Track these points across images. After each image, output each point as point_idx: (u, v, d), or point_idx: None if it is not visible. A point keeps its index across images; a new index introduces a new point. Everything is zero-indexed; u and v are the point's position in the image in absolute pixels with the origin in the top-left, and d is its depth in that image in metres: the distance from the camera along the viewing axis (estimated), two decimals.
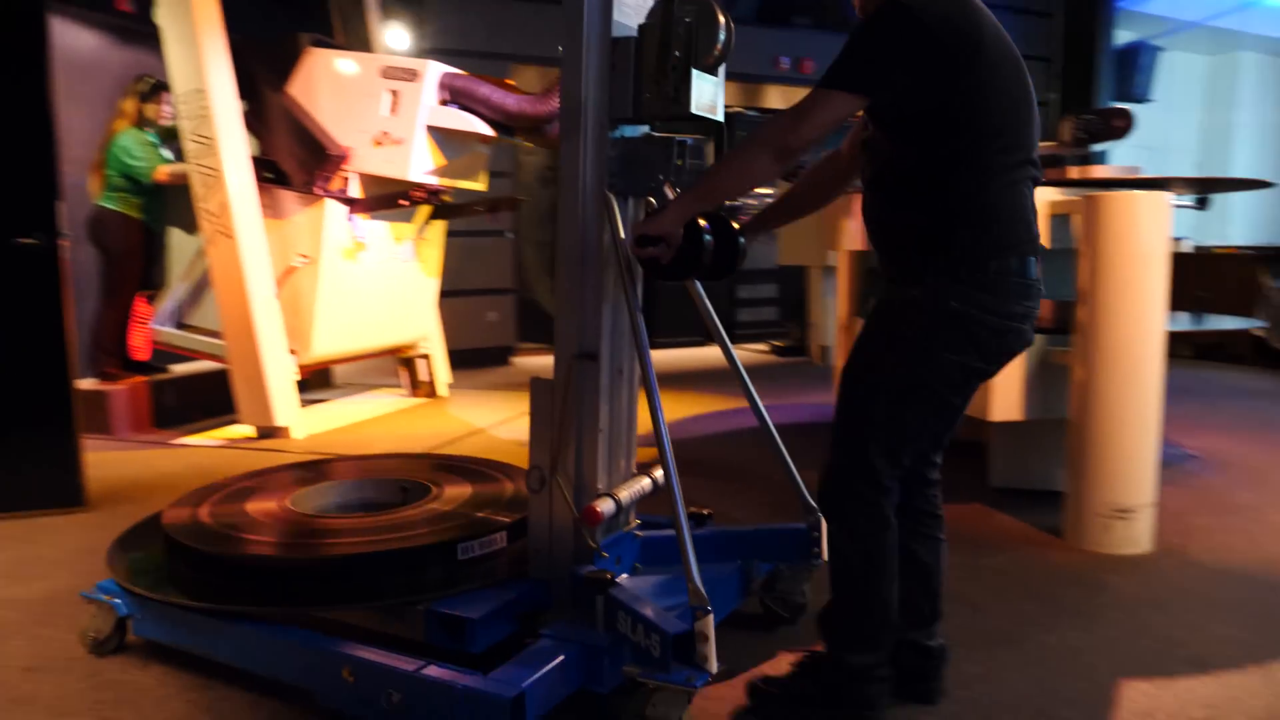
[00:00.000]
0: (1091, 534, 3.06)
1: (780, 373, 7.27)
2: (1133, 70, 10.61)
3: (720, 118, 2.14)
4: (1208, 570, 2.93)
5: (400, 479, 2.75)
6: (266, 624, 2.06)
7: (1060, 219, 3.29)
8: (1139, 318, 2.95)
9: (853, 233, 3.86)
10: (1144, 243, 2.94)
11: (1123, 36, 10.68)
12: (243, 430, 4.87)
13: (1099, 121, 4.01)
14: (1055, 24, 10.36)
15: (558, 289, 2.12)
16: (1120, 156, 10.11)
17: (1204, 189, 4.10)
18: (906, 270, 1.90)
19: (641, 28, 2.06)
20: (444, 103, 4.76)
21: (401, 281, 5.50)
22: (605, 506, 2.06)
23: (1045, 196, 3.34)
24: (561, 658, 1.88)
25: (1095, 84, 10.23)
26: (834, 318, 7.51)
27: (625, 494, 2.16)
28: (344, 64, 4.91)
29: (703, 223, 2.01)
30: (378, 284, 5.28)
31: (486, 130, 4.80)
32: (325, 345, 5.02)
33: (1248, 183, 3.95)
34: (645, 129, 2.19)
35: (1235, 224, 11.69)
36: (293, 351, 4.87)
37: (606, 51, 2.04)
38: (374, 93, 4.76)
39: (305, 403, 5.25)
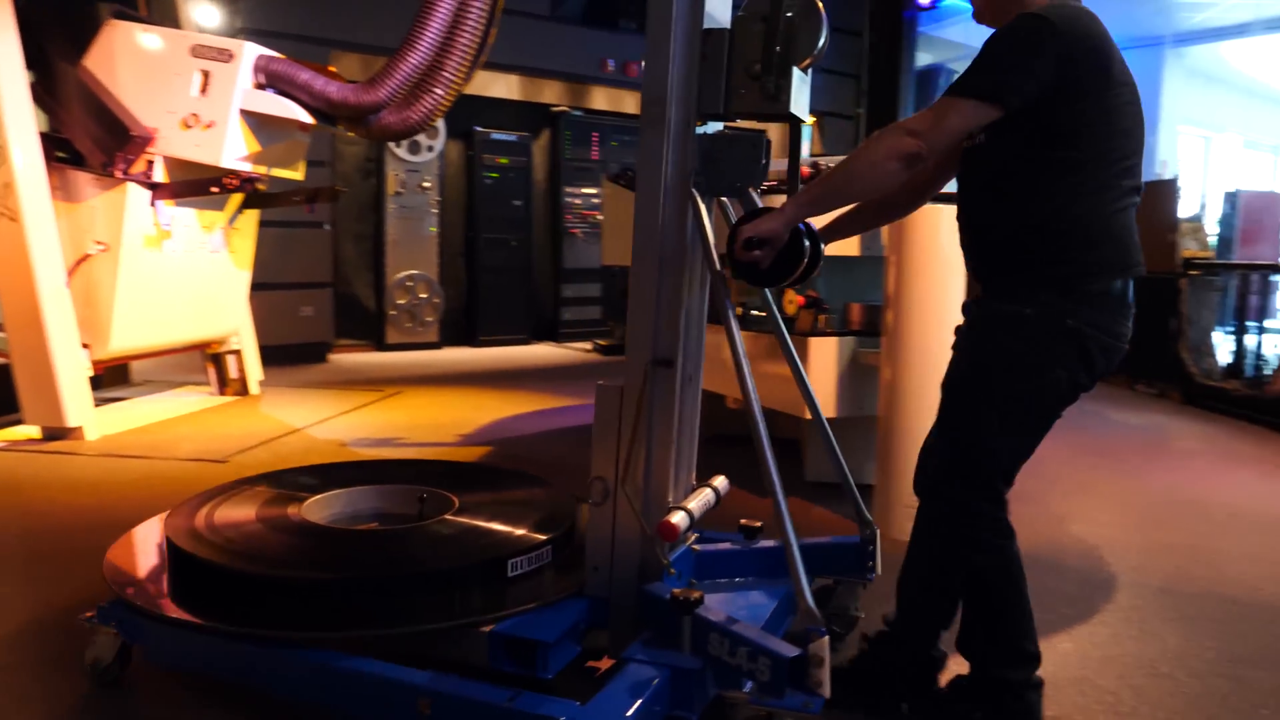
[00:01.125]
0: (900, 523, 3.27)
1: (604, 371, 7.35)
2: (932, 91, 11.40)
3: (808, 119, 2.01)
4: None
5: (416, 487, 2.54)
6: (316, 651, 1.83)
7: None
8: (941, 321, 3.18)
9: None
10: (945, 252, 3.17)
11: (922, 59, 11.45)
12: (27, 431, 4.47)
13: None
14: (863, 43, 10.97)
15: (633, 291, 1.97)
16: None
17: None
18: (1014, 284, 1.88)
19: (738, 20, 1.93)
20: (260, 86, 4.54)
21: (209, 273, 5.20)
22: (680, 520, 1.93)
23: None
24: (657, 683, 1.72)
25: (899, 102, 10.92)
26: None
27: (696, 507, 2.03)
28: (149, 39, 4.60)
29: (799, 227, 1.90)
30: (183, 275, 4.98)
31: (305, 117, 4.61)
32: (124, 339, 4.68)
33: None
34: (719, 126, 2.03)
35: None
36: (86, 346, 4.51)
37: (697, 42, 1.91)
38: (183, 72, 4.48)
39: (100, 401, 4.88)
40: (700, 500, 2.09)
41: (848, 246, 3.56)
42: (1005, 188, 1.87)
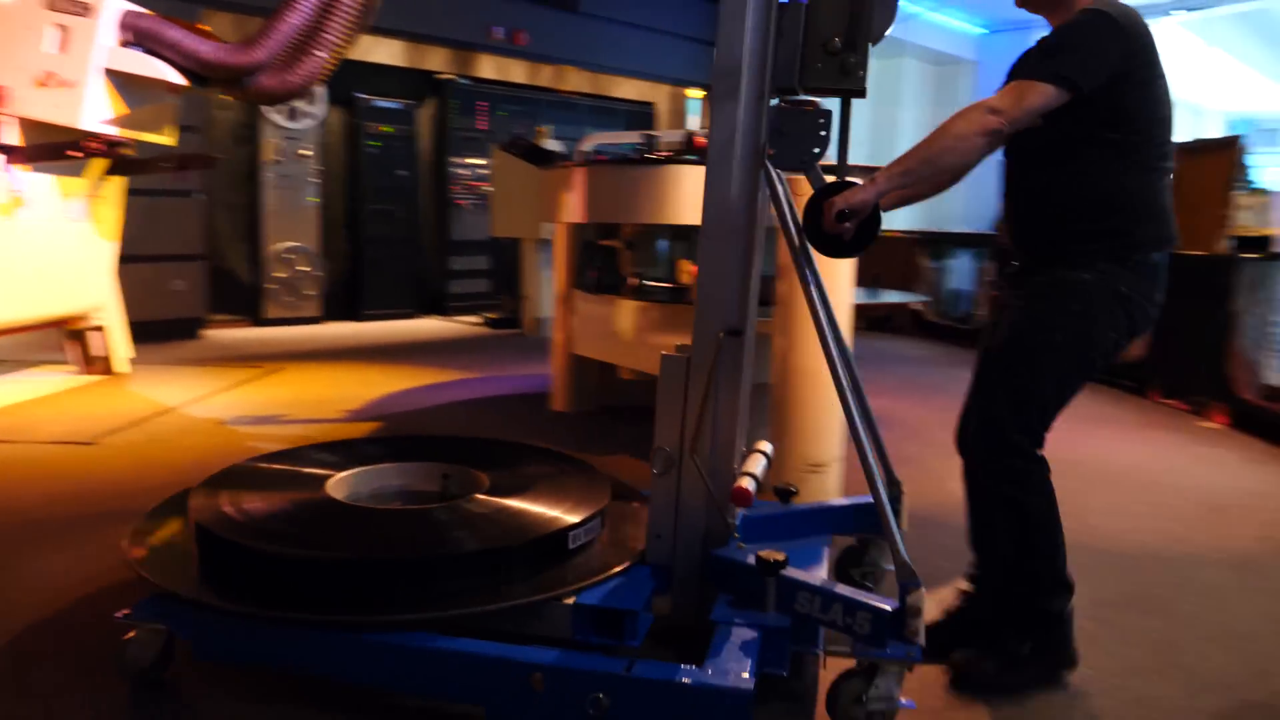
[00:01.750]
0: (795, 484, 3.34)
1: (493, 344, 7.27)
2: None
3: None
4: None
5: (437, 464, 2.47)
6: (408, 634, 1.77)
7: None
8: (831, 291, 3.24)
9: (572, 205, 3.94)
10: None
11: None
12: None
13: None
14: None
15: (704, 262, 2.00)
16: None
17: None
18: (1074, 253, 2.05)
19: None
20: (125, 44, 4.26)
21: (70, 244, 4.89)
22: (750, 485, 1.98)
23: None
24: (758, 643, 1.78)
25: None
26: (549, 290, 7.68)
27: (759, 471, 2.08)
28: None
29: None
30: (39, 245, 4.66)
31: (176, 78, 4.36)
32: None
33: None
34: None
35: (898, 212, 13.13)
36: None
37: (773, 15, 1.92)
38: (36, 26, 4.16)
39: None
40: (760, 466, 2.15)
41: None
42: (1067, 167, 2.04)
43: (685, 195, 3.47)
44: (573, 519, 2.09)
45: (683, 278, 3.67)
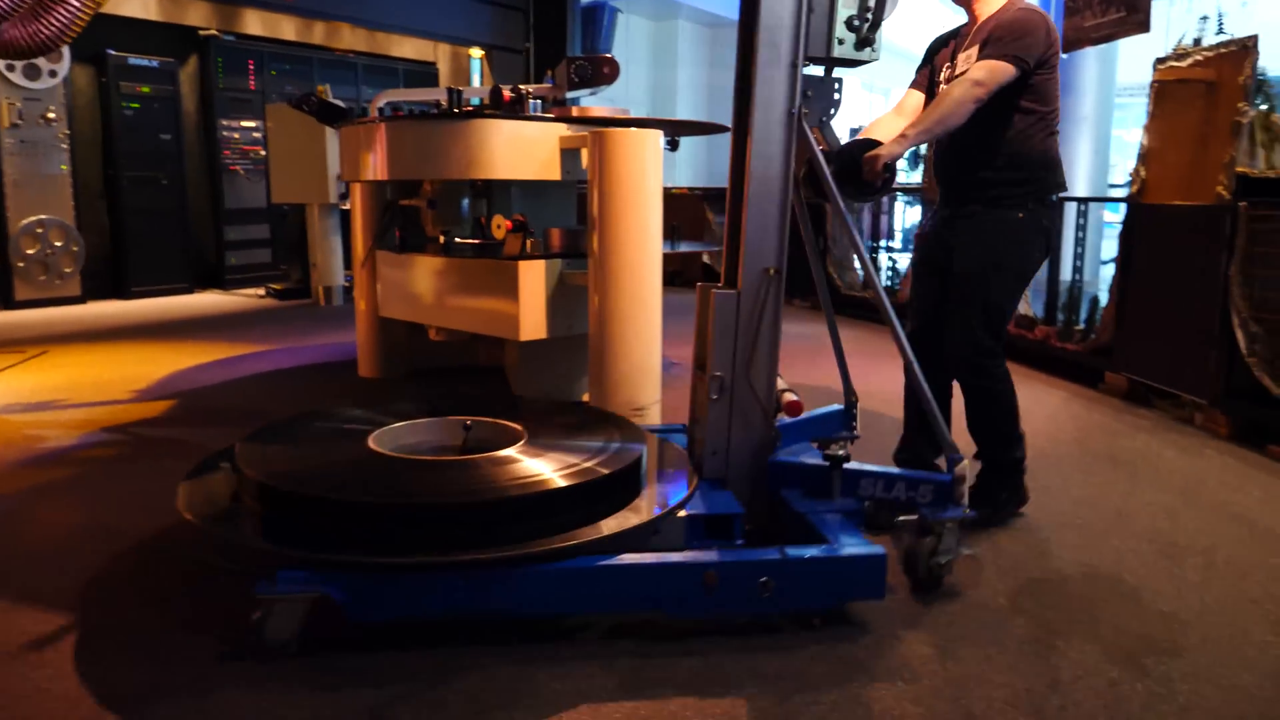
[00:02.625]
0: None
1: (283, 316, 6.94)
2: (596, 27, 11.69)
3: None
4: None
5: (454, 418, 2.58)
6: (585, 559, 1.95)
7: (570, 153, 3.59)
8: (643, 242, 3.36)
9: (375, 163, 3.81)
10: (645, 174, 3.34)
11: None
12: None
13: (590, 67, 4.41)
14: None
15: (753, 210, 2.30)
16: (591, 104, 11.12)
17: (675, 131, 4.74)
18: (1010, 197, 2.63)
19: None
20: None
21: None
22: (798, 397, 2.38)
23: (556, 131, 3.62)
24: (851, 522, 2.21)
25: (566, 35, 11.11)
26: (338, 257, 7.39)
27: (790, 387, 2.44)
28: None
29: None
30: None
31: None
32: None
33: (707, 126, 4.63)
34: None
35: (680, 169, 13.57)
36: None
37: None
38: None
39: None
40: (785, 383, 2.47)
41: (550, 170, 3.65)
42: (1002, 131, 2.61)
43: (495, 150, 3.46)
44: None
45: (496, 232, 3.66)
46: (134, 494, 2.88)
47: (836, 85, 2.41)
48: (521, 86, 3.68)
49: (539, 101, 3.65)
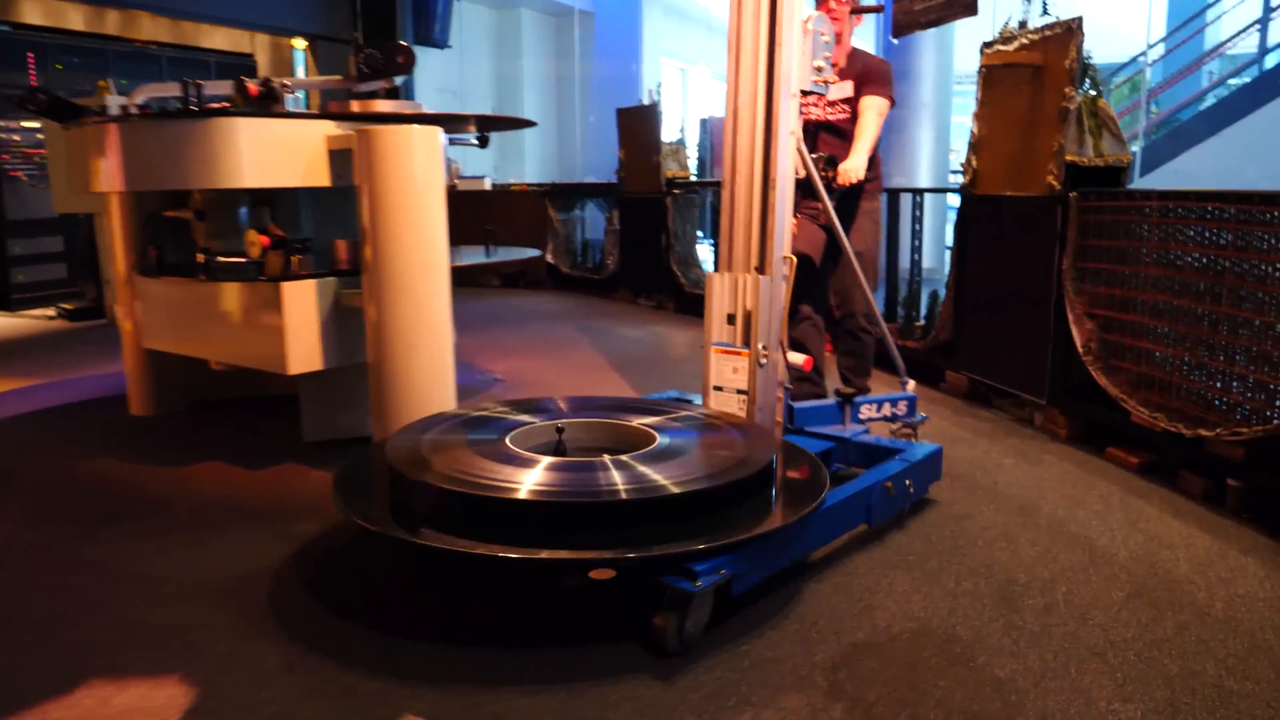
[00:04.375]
0: None
1: (71, 340, 6.15)
2: (430, 15, 11.07)
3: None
4: None
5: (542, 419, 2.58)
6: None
7: (341, 155, 3.10)
8: (422, 252, 2.92)
9: (108, 171, 3.22)
10: (420, 176, 2.89)
11: None
12: None
13: (381, 57, 3.92)
14: None
15: (778, 210, 2.77)
16: (428, 101, 10.55)
17: (483, 127, 4.29)
18: (868, 191, 3.65)
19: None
20: None
21: None
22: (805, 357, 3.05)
23: (323, 130, 3.13)
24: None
25: (397, 25, 10.46)
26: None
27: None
28: None
29: None
30: None
31: None
32: None
33: (517, 121, 4.21)
34: None
35: (529, 164, 13.10)
36: None
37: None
38: None
39: None
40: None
41: (317, 175, 3.16)
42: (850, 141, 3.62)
43: (242, 153, 2.94)
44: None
45: (251, 250, 3.13)
46: None
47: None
48: (283, 79, 3.16)
49: (298, 96, 3.15)
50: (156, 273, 3.61)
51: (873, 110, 3.52)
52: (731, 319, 2.84)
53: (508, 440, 2.36)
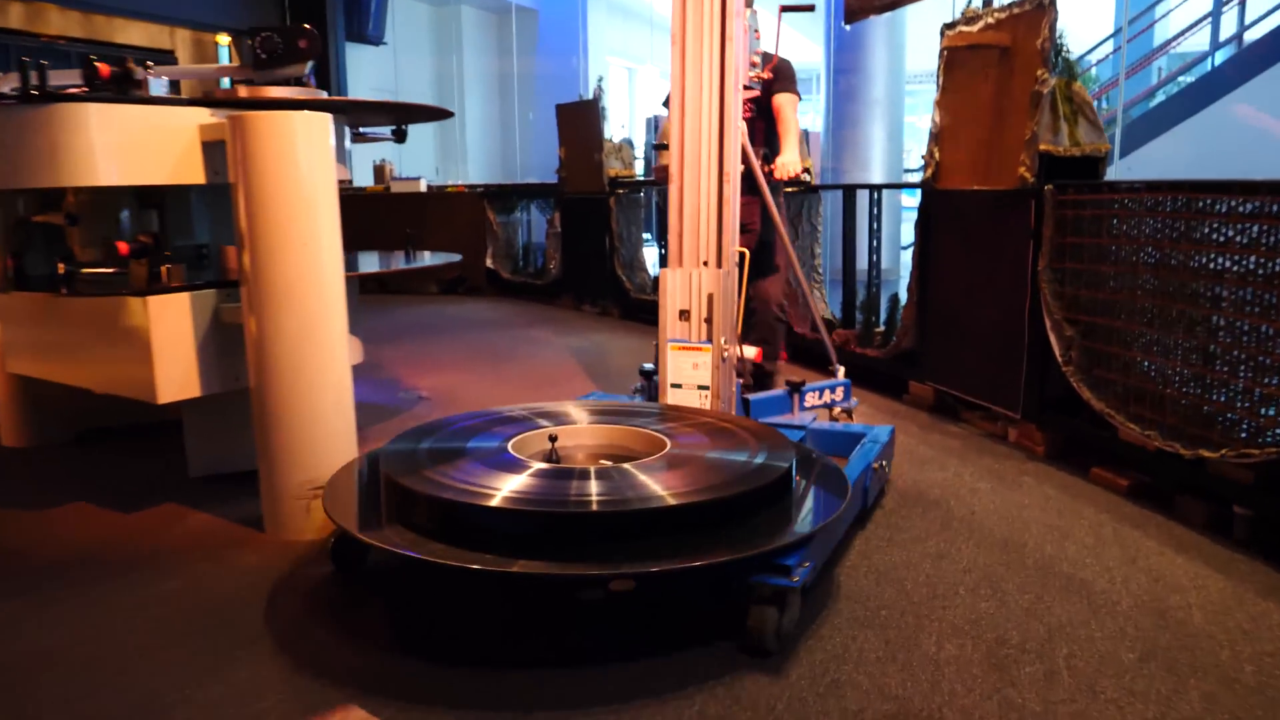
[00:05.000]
0: (292, 521, 2.58)
1: None
2: (363, 11, 10.58)
3: None
4: None
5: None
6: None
7: (218, 147, 2.67)
8: (309, 259, 2.50)
9: None
10: (305, 169, 2.47)
11: None
12: None
13: (280, 41, 3.49)
14: None
15: (731, 207, 2.89)
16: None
17: (399, 119, 3.87)
18: (773, 186, 3.62)
19: None
20: None
21: None
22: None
23: (195, 119, 2.70)
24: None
25: (327, 21, 9.96)
26: None
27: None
28: None
29: None
30: None
31: None
32: None
33: (434, 112, 3.79)
34: None
35: (473, 165, 12.63)
36: None
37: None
38: None
39: None
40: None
41: (189, 171, 2.73)
42: (773, 140, 3.73)
43: (92, 146, 2.49)
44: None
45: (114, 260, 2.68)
46: None
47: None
48: (146, 61, 2.70)
49: (164, 80, 2.71)
50: (14, 286, 3.13)
51: (790, 107, 3.65)
52: (684, 314, 2.92)
53: (510, 447, 2.31)
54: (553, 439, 2.39)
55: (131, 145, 2.56)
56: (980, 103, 3.44)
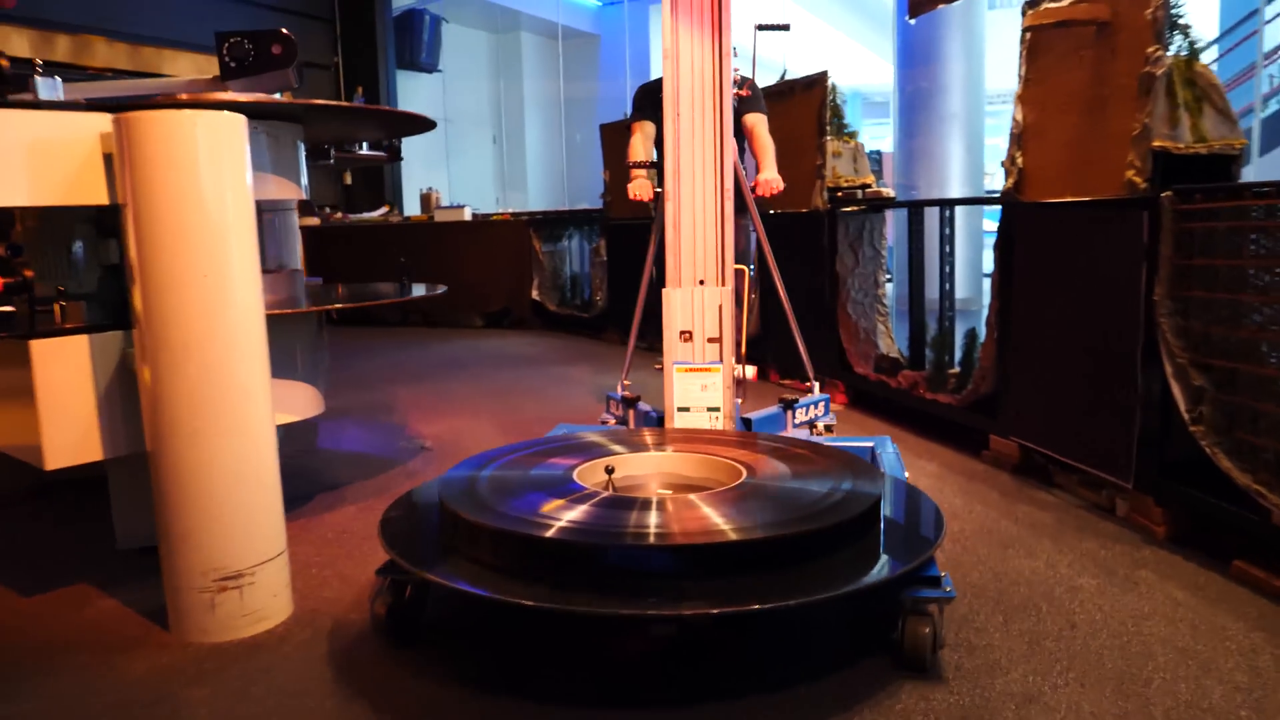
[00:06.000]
0: (192, 618, 2.06)
1: None
2: (415, 39, 10.33)
3: None
4: (340, 637, 2.09)
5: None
6: None
7: None
8: (214, 294, 1.99)
9: None
10: (208, 183, 1.97)
11: (401, 2, 10.36)
12: None
13: (250, 46, 3.07)
14: None
15: (729, 226, 2.89)
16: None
17: (389, 131, 3.41)
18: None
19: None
20: None
21: None
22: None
23: (95, 127, 2.23)
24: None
25: (378, 48, 9.72)
26: None
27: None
28: None
29: None
30: None
31: None
32: None
33: (418, 121, 3.30)
34: None
35: (533, 193, 12.30)
36: None
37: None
38: None
39: None
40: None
41: (89, 189, 2.26)
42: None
43: None
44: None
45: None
46: None
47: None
48: (37, 59, 2.27)
49: (57, 82, 2.25)
50: None
51: (764, 125, 3.64)
52: (685, 335, 2.88)
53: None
54: (610, 470, 2.30)
55: (8, 158, 2.10)
56: (1073, 92, 2.79)
